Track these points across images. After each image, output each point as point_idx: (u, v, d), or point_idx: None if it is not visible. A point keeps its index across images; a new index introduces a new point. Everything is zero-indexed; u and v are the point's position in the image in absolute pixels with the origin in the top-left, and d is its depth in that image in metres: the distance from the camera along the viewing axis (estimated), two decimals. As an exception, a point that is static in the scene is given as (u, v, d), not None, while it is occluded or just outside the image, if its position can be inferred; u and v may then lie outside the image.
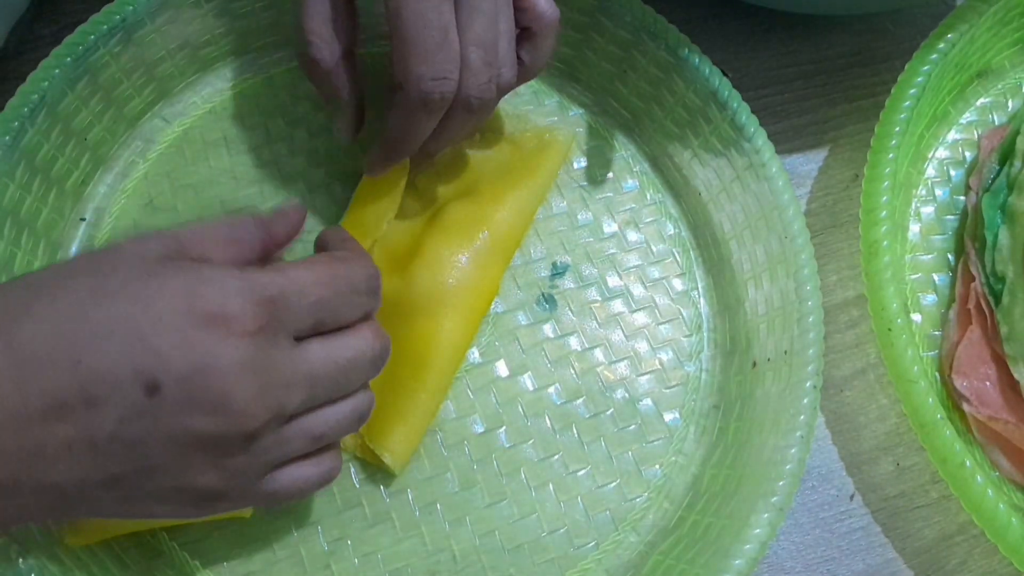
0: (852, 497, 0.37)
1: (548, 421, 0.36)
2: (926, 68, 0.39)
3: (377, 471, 0.34)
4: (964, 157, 0.43)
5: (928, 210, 0.42)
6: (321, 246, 0.31)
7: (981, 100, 0.44)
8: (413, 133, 0.33)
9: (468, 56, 0.30)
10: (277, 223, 0.28)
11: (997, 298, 0.37)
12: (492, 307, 0.37)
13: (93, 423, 0.22)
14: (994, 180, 0.40)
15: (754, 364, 0.36)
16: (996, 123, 0.44)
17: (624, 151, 0.41)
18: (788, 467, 0.32)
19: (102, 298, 0.23)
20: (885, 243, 0.36)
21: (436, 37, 0.29)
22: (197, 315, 0.23)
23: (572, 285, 0.38)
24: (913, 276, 0.40)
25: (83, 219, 0.37)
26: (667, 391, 0.37)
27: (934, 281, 0.40)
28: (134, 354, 0.22)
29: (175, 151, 0.38)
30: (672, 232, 0.40)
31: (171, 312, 0.23)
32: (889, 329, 0.35)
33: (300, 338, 0.26)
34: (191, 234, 0.26)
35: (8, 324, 0.22)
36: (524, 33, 0.33)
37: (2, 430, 0.22)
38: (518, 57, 0.33)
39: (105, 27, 0.35)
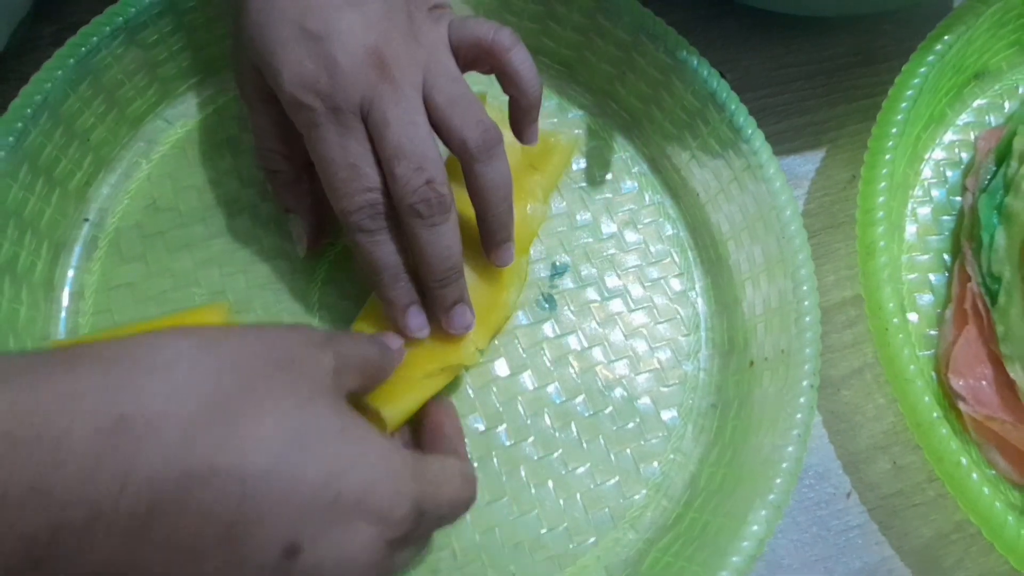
0: (849, 495, 0.37)
1: (547, 419, 0.36)
2: (923, 70, 0.39)
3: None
4: (961, 158, 0.43)
5: (925, 211, 0.42)
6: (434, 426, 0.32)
7: (978, 101, 0.45)
8: (385, 257, 0.32)
9: (392, 171, 0.30)
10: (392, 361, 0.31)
11: (993, 298, 0.37)
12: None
13: (231, 560, 0.21)
14: (990, 181, 0.41)
15: (751, 363, 0.36)
16: (993, 124, 0.44)
17: (623, 152, 0.41)
18: (785, 465, 0.32)
19: (295, 443, 0.22)
20: (882, 243, 0.36)
21: (342, 174, 0.30)
22: (368, 509, 0.23)
23: (571, 285, 0.38)
24: (910, 276, 0.40)
25: (86, 219, 0.37)
26: (665, 390, 0.37)
27: (930, 281, 0.40)
28: (295, 516, 0.22)
29: (178, 152, 0.39)
30: (670, 232, 0.40)
31: (347, 496, 0.23)
32: (886, 329, 0.35)
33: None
34: (345, 359, 0.26)
35: (202, 426, 0.21)
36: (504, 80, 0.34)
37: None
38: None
39: (107, 28, 0.35)
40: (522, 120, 0.35)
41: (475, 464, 0.35)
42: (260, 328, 0.25)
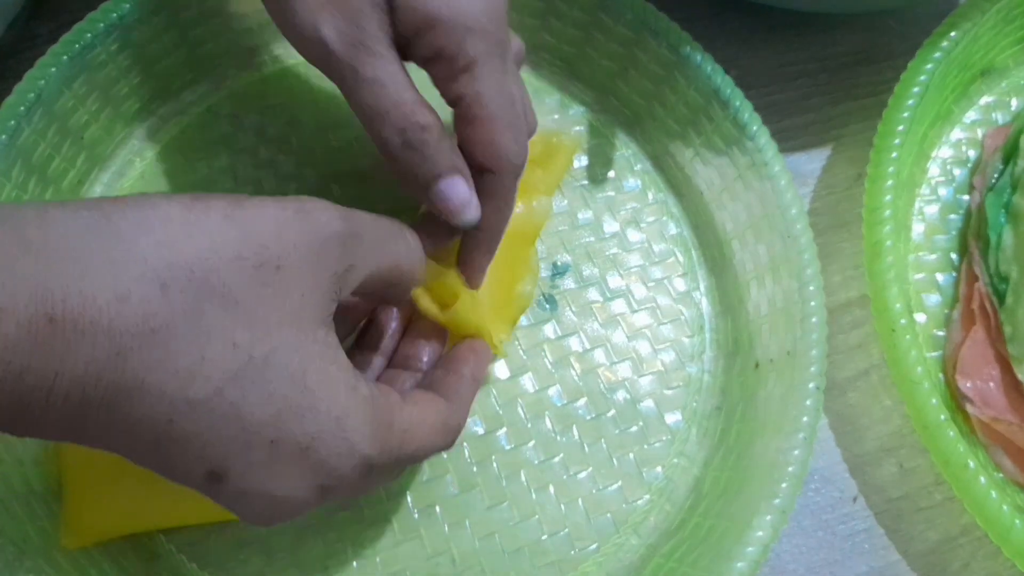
0: (855, 499, 0.36)
1: (549, 422, 0.35)
2: (929, 67, 0.39)
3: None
4: (968, 156, 0.43)
5: (932, 209, 0.41)
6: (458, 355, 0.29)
7: (985, 99, 0.44)
8: (508, 214, 0.30)
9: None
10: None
11: (1001, 298, 0.37)
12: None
13: (164, 467, 0.22)
14: (998, 179, 0.40)
15: (756, 365, 0.36)
16: (1000, 122, 0.43)
17: (625, 150, 0.41)
18: (790, 469, 0.31)
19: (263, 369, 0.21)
20: (888, 243, 0.36)
21: (517, 110, 0.28)
22: (304, 458, 0.22)
23: (573, 285, 0.38)
24: (917, 276, 0.40)
25: (80, 219, 0.37)
26: (669, 392, 0.37)
27: (938, 281, 0.40)
28: (216, 447, 0.21)
29: (172, 150, 0.38)
30: (674, 232, 0.40)
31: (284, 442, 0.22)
32: (892, 330, 0.35)
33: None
34: (349, 275, 0.24)
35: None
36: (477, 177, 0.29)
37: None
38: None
39: (102, 25, 0.35)
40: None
41: (474, 468, 0.34)
42: (260, 207, 0.22)
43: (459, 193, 0.28)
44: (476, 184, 0.28)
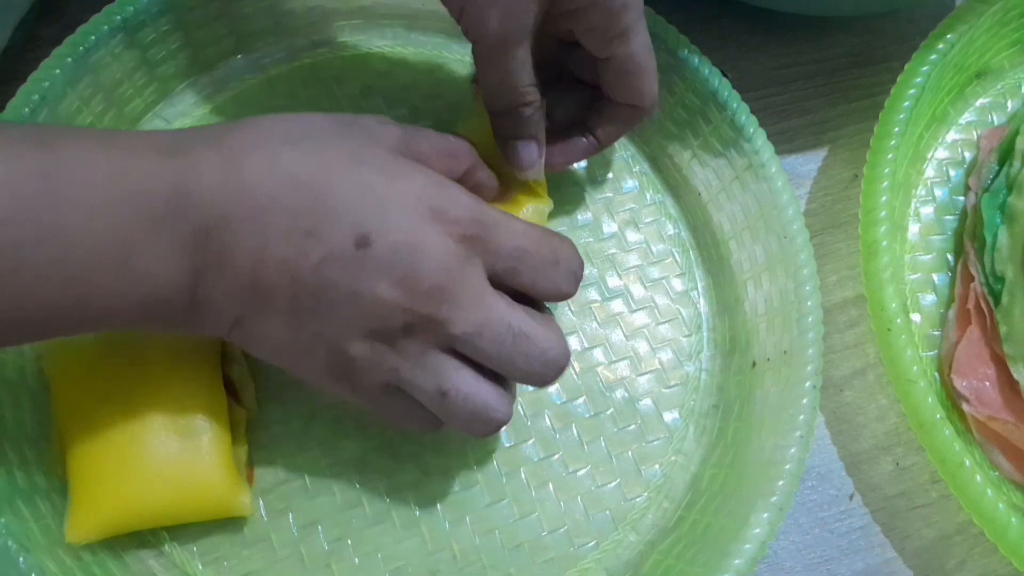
0: (851, 497, 0.37)
1: (548, 420, 0.36)
2: (925, 68, 0.39)
3: (375, 472, 0.34)
4: (963, 157, 0.43)
5: (927, 210, 0.42)
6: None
7: (980, 100, 0.44)
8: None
9: None
10: (480, 171, 0.32)
11: (996, 298, 0.37)
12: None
13: (305, 250, 0.26)
14: (993, 180, 0.40)
15: (753, 364, 0.36)
16: (995, 123, 0.44)
17: (623, 151, 0.41)
18: (787, 467, 0.32)
19: (357, 163, 0.27)
20: (884, 243, 0.36)
21: (653, 58, 0.33)
22: (427, 205, 0.26)
23: (572, 285, 0.38)
24: (912, 276, 0.40)
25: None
26: (667, 391, 0.37)
27: (933, 281, 0.40)
28: (365, 210, 0.26)
29: (176, 151, 0.38)
30: (672, 232, 0.40)
31: (409, 195, 0.26)
32: (888, 329, 0.35)
33: (493, 280, 0.28)
34: (419, 135, 0.29)
35: (279, 145, 0.26)
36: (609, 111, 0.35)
37: (246, 222, 0.25)
38: (591, 133, 0.36)
39: (106, 27, 0.35)
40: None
41: (474, 466, 0.35)
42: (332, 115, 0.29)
43: (530, 154, 0.33)
44: (617, 112, 0.35)
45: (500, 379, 0.29)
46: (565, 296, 0.30)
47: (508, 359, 0.28)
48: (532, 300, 0.29)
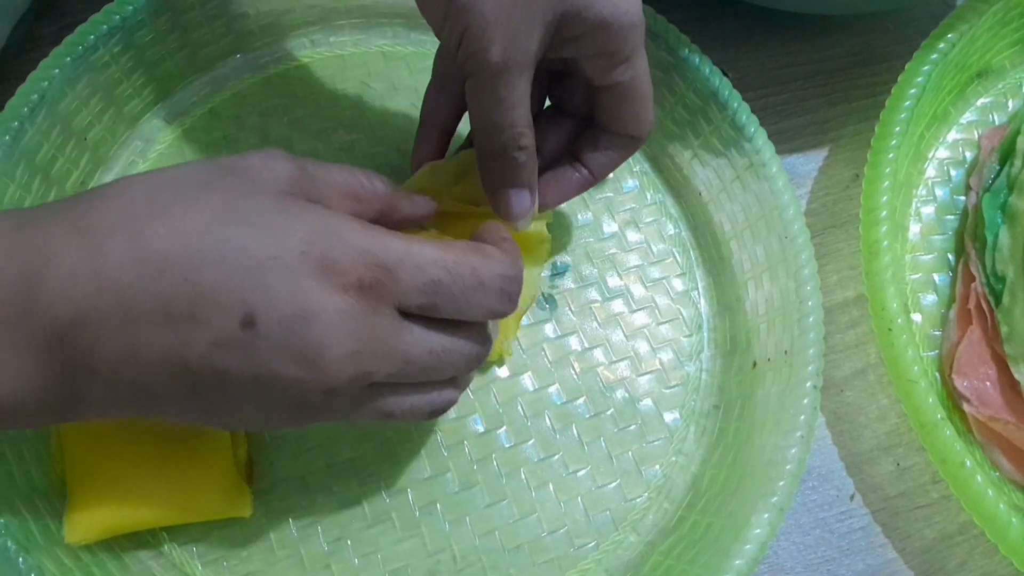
0: (852, 497, 0.37)
1: (548, 421, 0.36)
2: (926, 68, 0.39)
3: (375, 471, 0.34)
4: (964, 157, 0.43)
5: (928, 210, 0.42)
6: (474, 238, 0.29)
7: (981, 100, 0.44)
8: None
9: None
10: (403, 200, 0.29)
11: (997, 298, 0.37)
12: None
13: (190, 339, 0.23)
14: (994, 180, 0.40)
15: (754, 364, 0.36)
16: (996, 123, 0.44)
17: (624, 151, 0.41)
18: (788, 467, 0.32)
19: (230, 220, 0.23)
20: (885, 243, 0.36)
21: (651, 85, 0.32)
22: (312, 261, 0.23)
23: (572, 285, 0.38)
24: (913, 276, 0.40)
25: (83, 219, 0.37)
26: (667, 391, 0.37)
27: (934, 281, 0.40)
28: (242, 283, 0.23)
29: (175, 151, 0.38)
30: (672, 232, 0.40)
31: (290, 251, 0.23)
32: (889, 329, 0.35)
33: (408, 314, 0.25)
34: (318, 171, 0.26)
35: (145, 219, 0.23)
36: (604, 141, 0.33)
37: (111, 319, 0.23)
38: (584, 166, 0.34)
39: (105, 27, 0.35)
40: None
41: (474, 466, 0.34)
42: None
43: (522, 204, 0.31)
44: (612, 142, 0.33)
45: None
46: (501, 315, 0.27)
47: (439, 371, 0.26)
48: None
